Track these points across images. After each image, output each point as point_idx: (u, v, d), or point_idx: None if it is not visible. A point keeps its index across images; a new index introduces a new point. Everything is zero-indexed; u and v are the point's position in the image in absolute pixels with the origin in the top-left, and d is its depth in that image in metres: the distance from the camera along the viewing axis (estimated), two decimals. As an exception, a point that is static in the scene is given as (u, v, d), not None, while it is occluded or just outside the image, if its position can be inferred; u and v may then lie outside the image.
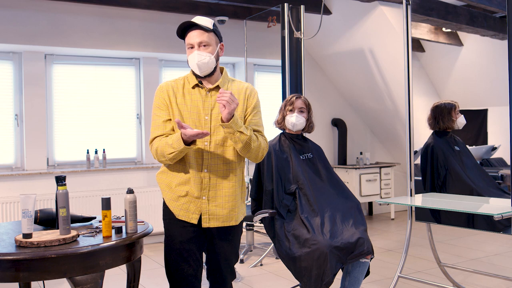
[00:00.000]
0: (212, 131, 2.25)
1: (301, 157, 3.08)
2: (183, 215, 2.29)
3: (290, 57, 4.69)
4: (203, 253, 2.40)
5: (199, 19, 2.23)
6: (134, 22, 5.32)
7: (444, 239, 5.27)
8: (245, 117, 2.31)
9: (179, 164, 2.27)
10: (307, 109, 3.09)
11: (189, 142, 2.14)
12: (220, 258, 2.37)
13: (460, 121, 3.66)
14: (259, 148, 2.28)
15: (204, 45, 2.21)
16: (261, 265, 4.48)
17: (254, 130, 2.30)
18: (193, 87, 2.29)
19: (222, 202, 2.29)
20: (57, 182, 2.15)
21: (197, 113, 2.25)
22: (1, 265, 1.92)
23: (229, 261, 2.40)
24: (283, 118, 3.10)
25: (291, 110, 3.07)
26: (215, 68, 2.27)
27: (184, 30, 2.24)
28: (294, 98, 3.09)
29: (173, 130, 2.27)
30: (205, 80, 2.28)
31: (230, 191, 2.30)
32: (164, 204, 2.35)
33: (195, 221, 2.28)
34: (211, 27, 2.23)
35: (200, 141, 2.24)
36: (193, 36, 2.21)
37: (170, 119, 2.27)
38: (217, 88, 2.29)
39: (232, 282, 2.48)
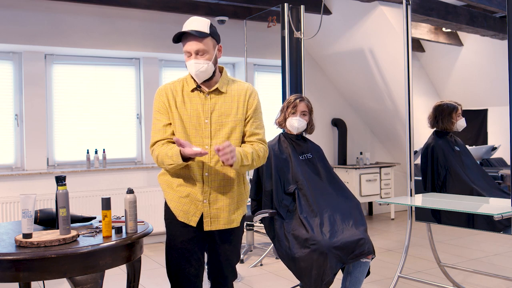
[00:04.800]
0: (212, 134, 2.24)
1: (300, 157, 3.08)
2: (182, 216, 2.29)
3: (290, 57, 4.69)
4: (205, 252, 2.40)
5: (195, 22, 2.19)
6: (134, 22, 5.32)
7: (444, 239, 5.27)
8: (245, 119, 2.29)
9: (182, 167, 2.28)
10: (309, 112, 3.09)
11: (187, 157, 2.15)
12: (221, 259, 2.36)
13: (460, 124, 3.65)
14: (260, 161, 2.31)
15: (201, 53, 2.18)
16: (261, 265, 4.48)
17: (253, 134, 2.29)
18: (192, 91, 2.27)
19: (223, 205, 2.28)
20: (57, 182, 2.15)
21: (197, 117, 2.24)
22: (1, 265, 1.92)
23: (230, 262, 2.39)
24: (285, 119, 3.09)
25: (293, 113, 3.06)
26: (214, 72, 2.25)
27: (179, 36, 2.20)
28: (298, 100, 3.07)
29: (173, 134, 2.27)
30: (204, 83, 2.27)
31: (232, 194, 2.29)
32: (166, 205, 2.36)
33: (194, 224, 2.27)
34: (207, 31, 2.18)
35: (201, 145, 2.23)
36: (189, 44, 2.18)
37: (171, 123, 2.26)
38: (216, 90, 2.27)
39: (233, 282, 2.48)
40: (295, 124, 3.04)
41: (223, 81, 2.30)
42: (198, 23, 2.19)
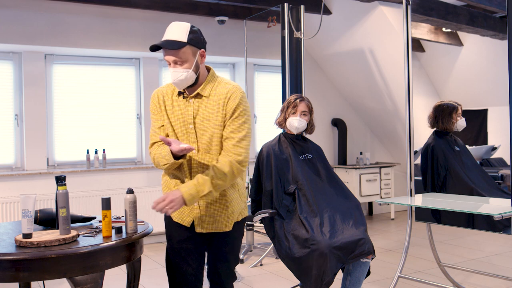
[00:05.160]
0: (198, 139, 2.22)
1: (300, 157, 3.08)
2: (177, 217, 2.31)
3: (290, 57, 4.69)
4: (206, 252, 2.40)
5: (172, 31, 2.13)
6: (134, 22, 5.32)
7: (444, 239, 5.27)
8: (224, 123, 2.20)
9: (175, 169, 2.28)
10: (309, 112, 3.09)
11: (178, 156, 2.13)
12: (218, 260, 2.36)
13: (460, 124, 3.65)
14: (231, 178, 2.17)
15: (179, 63, 2.12)
16: (261, 265, 4.48)
17: (227, 138, 2.18)
18: (178, 95, 2.24)
19: (213, 210, 2.26)
20: (57, 182, 2.15)
21: (184, 121, 2.23)
22: (1, 265, 1.92)
23: (228, 263, 2.37)
24: (285, 119, 3.09)
25: (294, 113, 3.06)
26: (197, 77, 2.18)
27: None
28: (298, 100, 3.06)
29: (168, 135, 2.27)
30: (188, 88, 2.22)
31: (222, 199, 2.26)
32: None
33: (187, 224, 2.28)
34: (184, 39, 2.10)
35: None
36: (167, 56, 2.13)
37: (164, 125, 2.27)
38: (198, 95, 2.21)
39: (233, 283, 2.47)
40: (295, 124, 3.04)
41: (207, 84, 2.22)
42: (175, 32, 2.12)
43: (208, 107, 2.20)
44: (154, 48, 2.12)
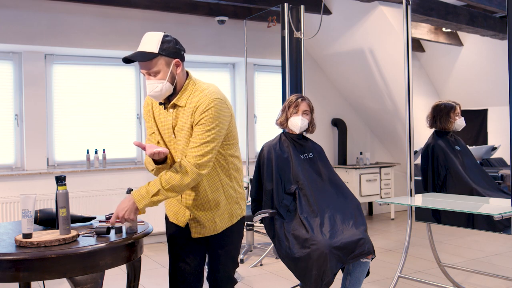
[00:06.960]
0: (179, 148, 2.20)
1: (301, 157, 3.08)
2: (172, 217, 2.33)
3: (290, 57, 4.69)
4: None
5: (144, 43, 2.10)
6: (134, 22, 5.32)
7: (444, 239, 5.27)
8: (192, 129, 2.15)
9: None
10: (310, 111, 3.10)
11: (159, 161, 2.14)
12: (215, 262, 2.34)
13: (459, 123, 3.65)
14: (183, 180, 2.07)
15: (153, 74, 2.08)
16: (261, 265, 4.48)
17: (191, 142, 2.11)
18: (160, 104, 2.21)
19: (198, 215, 2.26)
20: (57, 182, 2.15)
21: (168, 129, 2.22)
22: (1, 265, 1.92)
23: (224, 266, 2.34)
24: (286, 119, 3.09)
25: (295, 113, 3.06)
26: (175, 87, 2.13)
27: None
28: (300, 100, 3.07)
29: (158, 142, 2.28)
30: (169, 97, 2.18)
31: (209, 204, 2.24)
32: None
33: (182, 224, 2.30)
34: (155, 50, 2.06)
35: (175, 158, 2.21)
36: (140, 67, 2.11)
37: (154, 132, 2.28)
38: (175, 105, 2.16)
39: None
40: (298, 123, 3.04)
41: (184, 93, 2.15)
42: (146, 43, 2.09)
43: (184, 117, 2.15)
44: (126, 61, 2.09)
